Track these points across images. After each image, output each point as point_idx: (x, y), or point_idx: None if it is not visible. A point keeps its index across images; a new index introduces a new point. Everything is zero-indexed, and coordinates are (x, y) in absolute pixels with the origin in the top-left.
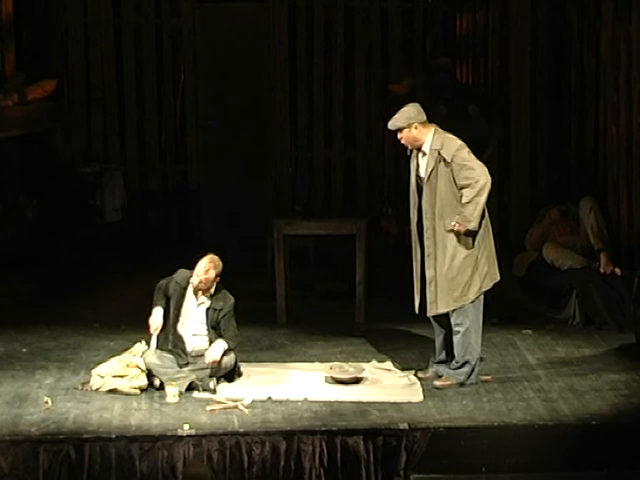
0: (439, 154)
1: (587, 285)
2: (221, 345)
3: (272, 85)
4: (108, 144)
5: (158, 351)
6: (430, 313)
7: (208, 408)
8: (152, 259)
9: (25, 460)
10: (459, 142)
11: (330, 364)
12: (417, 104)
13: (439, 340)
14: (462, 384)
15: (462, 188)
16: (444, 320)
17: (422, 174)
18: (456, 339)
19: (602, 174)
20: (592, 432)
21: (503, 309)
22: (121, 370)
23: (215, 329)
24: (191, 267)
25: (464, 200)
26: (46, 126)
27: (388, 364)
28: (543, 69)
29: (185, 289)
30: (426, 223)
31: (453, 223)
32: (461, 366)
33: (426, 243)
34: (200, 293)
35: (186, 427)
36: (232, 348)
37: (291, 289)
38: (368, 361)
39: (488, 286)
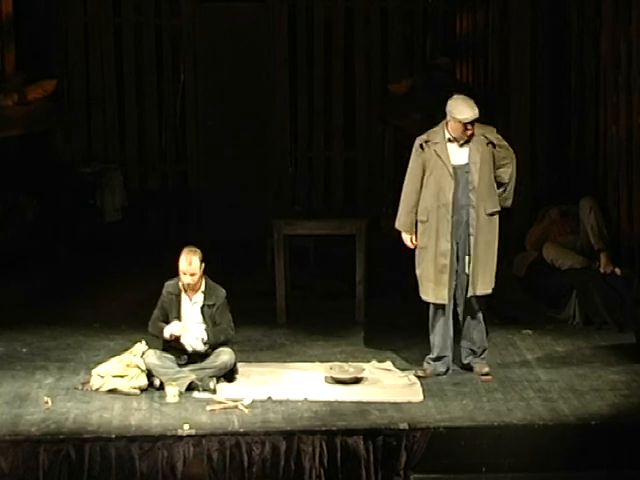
0: (486, 137)
1: (587, 285)
2: (198, 329)
3: (272, 85)
4: (108, 144)
5: (158, 351)
6: (471, 294)
7: (208, 408)
8: (152, 259)
9: (25, 460)
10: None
11: (330, 364)
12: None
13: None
14: None
15: (499, 168)
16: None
17: (461, 161)
18: (478, 325)
19: (602, 174)
20: (592, 432)
21: (503, 309)
22: (121, 370)
23: (215, 325)
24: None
25: (505, 179)
26: (46, 126)
27: (388, 364)
28: (543, 69)
29: (178, 295)
30: (472, 207)
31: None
32: (484, 351)
33: (472, 224)
34: (192, 292)
35: (186, 427)
36: (224, 341)
37: (291, 289)
38: (368, 361)
39: None
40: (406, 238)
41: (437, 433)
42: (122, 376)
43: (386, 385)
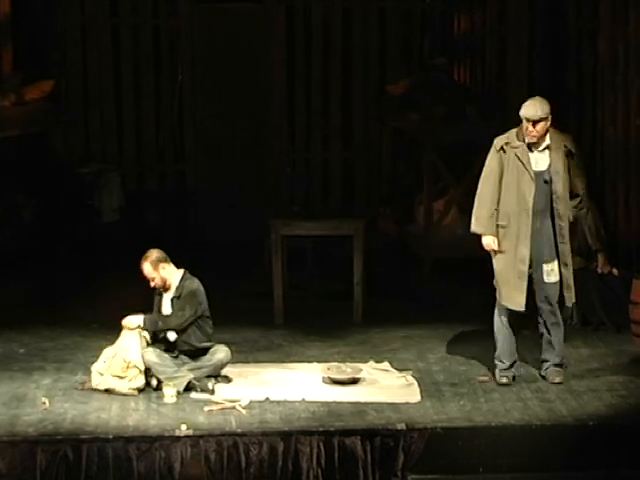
0: (566, 147)
1: (585, 286)
2: (135, 318)
3: (270, 85)
4: (106, 144)
5: (158, 349)
6: (570, 302)
7: (206, 409)
8: None
9: (23, 460)
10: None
11: (328, 364)
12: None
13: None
14: None
15: (579, 176)
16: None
17: (541, 167)
18: (560, 335)
19: (600, 175)
20: (589, 432)
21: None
22: (120, 371)
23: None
24: (189, 269)
25: (580, 191)
26: (44, 126)
27: (386, 364)
28: (541, 70)
29: (160, 294)
30: (559, 217)
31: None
32: (562, 359)
33: (563, 232)
34: (167, 291)
35: (183, 427)
36: (163, 328)
37: (289, 290)
38: (366, 361)
39: None
40: (488, 241)
41: (435, 433)
42: (121, 377)
43: (383, 386)
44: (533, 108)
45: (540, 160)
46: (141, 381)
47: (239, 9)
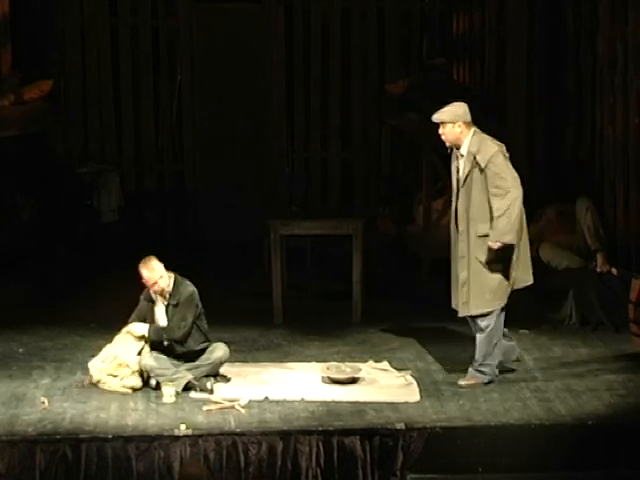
0: (474, 158)
1: (584, 285)
2: (141, 327)
3: (269, 85)
4: (105, 144)
5: (154, 353)
6: (462, 314)
7: (205, 408)
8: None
9: (22, 460)
10: (496, 147)
11: (327, 364)
12: (465, 104)
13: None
14: (487, 383)
15: (493, 196)
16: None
17: (460, 176)
18: (480, 339)
19: (599, 174)
20: (588, 432)
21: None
22: (112, 369)
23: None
24: (188, 269)
25: (496, 213)
26: (42, 126)
27: (385, 364)
28: (540, 70)
29: (153, 301)
30: (461, 226)
31: (490, 243)
32: (484, 366)
33: (460, 245)
34: (162, 297)
35: (183, 427)
36: (168, 339)
37: (288, 289)
38: (365, 361)
39: (519, 286)
40: None
41: (434, 433)
42: (114, 375)
43: (383, 385)
44: (440, 112)
45: (460, 167)
46: (134, 381)
47: (238, 9)
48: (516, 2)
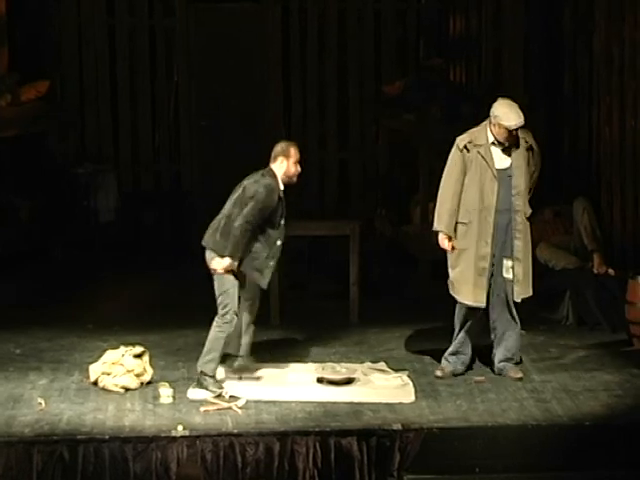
0: (526, 142)
1: (580, 286)
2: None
3: (265, 86)
4: (102, 145)
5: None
6: (519, 297)
7: (202, 409)
8: (146, 260)
9: (19, 461)
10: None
11: (322, 365)
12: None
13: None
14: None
15: (534, 172)
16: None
17: (504, 165)
18: (514, 332)
19: (595, 175)
20: (585, 432)
21: None
22: (106, 368)
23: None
24: (185, 270)
25: (532, 185)
26: (39, 127)
27: (382, 365)
28: (536, 70)
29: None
30: (516, 213)
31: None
32: (520, 358)
33: (518, 228)
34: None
35: (180, 428)
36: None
37: (285, 290)
38: (362, 362)
39: (518, 299)
40: (444, 240)
41: (430, 434)
42: (107, 373)
43: (379, 386)
44: (516, 117)
45: (503, 157)
46: (127, 380)
47: (235, 9)
48: (513, 2)
